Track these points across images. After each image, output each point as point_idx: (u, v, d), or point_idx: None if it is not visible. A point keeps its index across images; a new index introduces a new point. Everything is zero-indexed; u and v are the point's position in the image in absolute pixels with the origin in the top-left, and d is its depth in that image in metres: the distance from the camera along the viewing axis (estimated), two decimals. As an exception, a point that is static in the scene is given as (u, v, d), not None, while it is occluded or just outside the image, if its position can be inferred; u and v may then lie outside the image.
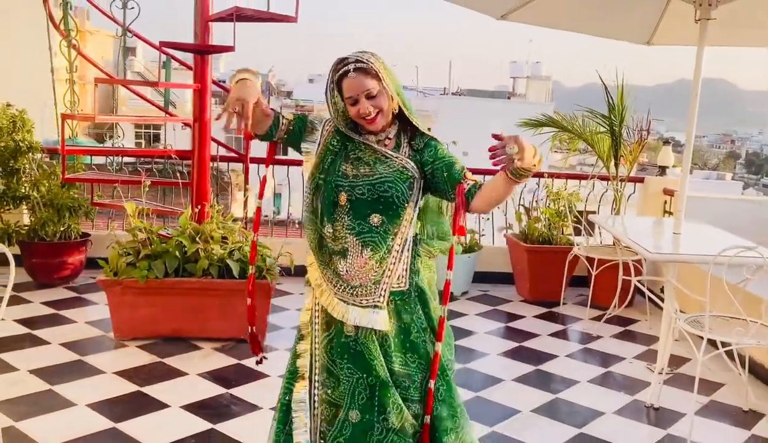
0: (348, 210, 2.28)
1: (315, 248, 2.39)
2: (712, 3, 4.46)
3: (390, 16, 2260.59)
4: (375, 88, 2.20)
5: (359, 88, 2.20)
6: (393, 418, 2.24)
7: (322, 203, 2.33)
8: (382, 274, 2.28)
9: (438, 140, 2.33)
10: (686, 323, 3.82)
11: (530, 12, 5.45)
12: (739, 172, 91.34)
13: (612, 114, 6.07)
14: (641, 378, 4.54)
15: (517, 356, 4.88)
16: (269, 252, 4.83)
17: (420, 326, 2.33)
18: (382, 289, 2.28)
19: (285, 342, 4.84)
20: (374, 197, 2.26)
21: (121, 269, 4.56)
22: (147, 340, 4.67)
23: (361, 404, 2.27)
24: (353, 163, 2.30)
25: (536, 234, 6.27)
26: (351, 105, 2.24)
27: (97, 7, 4.95)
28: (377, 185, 2.26)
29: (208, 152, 5.32)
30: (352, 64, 2.20)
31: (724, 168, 78.24)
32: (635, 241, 4.19)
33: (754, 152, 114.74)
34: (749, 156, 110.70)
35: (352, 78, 2.20)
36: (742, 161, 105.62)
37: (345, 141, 2.34)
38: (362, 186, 2.27)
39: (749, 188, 63.29)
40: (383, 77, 2.21)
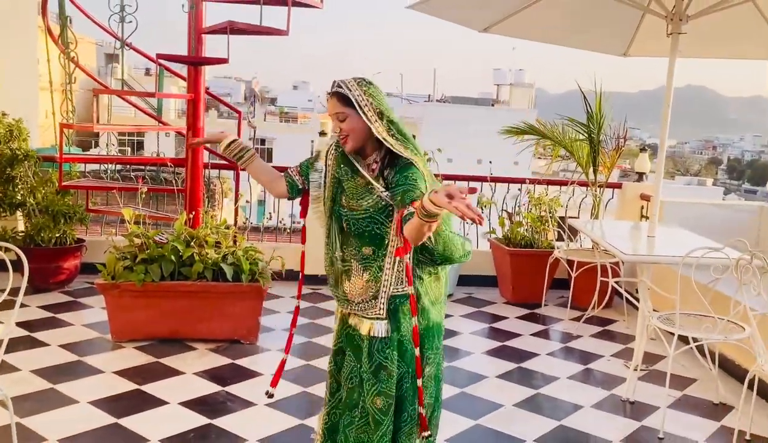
0: (350, 238, 2.55)
1: (327, 267, 2.67)
2: (683, 18, 4.70)
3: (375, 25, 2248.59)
4: (344, 113, 2.43)
5: (331, 109, 2.46)
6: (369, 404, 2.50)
7: (332, 228, 2.59)
8: (377, 290, 2.50)
9: (415, 165, 2.40)
10: (659, 321, 4.04)
11: (511, 25, 5.68)
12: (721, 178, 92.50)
13: (590, 122, 6.31)
14: (618, 375, 4.76)
15: (500, 354, 5.09)
16: (261, 257, 5.01)
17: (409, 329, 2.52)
18: (380, 302, 2.50)
19: (276, 343, 5.02)
20: (361, 232, 2.51)
21: (118, 273, 4.72)
22: (144, 341, 4.83)
23: (350, 388, 2.59)
24: (347, 195, 2.53)
25: (519, 238, 6.49)
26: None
27: (96, 22, 5.10)
28: (361, 221, 2.49)
29: (201, 159, 5.50)
30: (335, 86, 2.46)
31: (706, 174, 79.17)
32: (611, 244, 4.42)
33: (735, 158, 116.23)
34: (731, 162, 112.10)
35: (328, 99, 2.48)
36: (724, 167, 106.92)
37: (345, 166, 2.53)
38: (353, 221, 2.50)
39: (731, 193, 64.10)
40: (357, 104, 2.41)
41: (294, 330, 2.93)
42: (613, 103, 6.48)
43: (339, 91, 2.43)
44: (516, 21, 5.60)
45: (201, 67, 5.29)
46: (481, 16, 5.71)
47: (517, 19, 5.58)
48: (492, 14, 5.63)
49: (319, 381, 4.34)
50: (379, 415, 2.48)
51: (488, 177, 6.86)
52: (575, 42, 6.27)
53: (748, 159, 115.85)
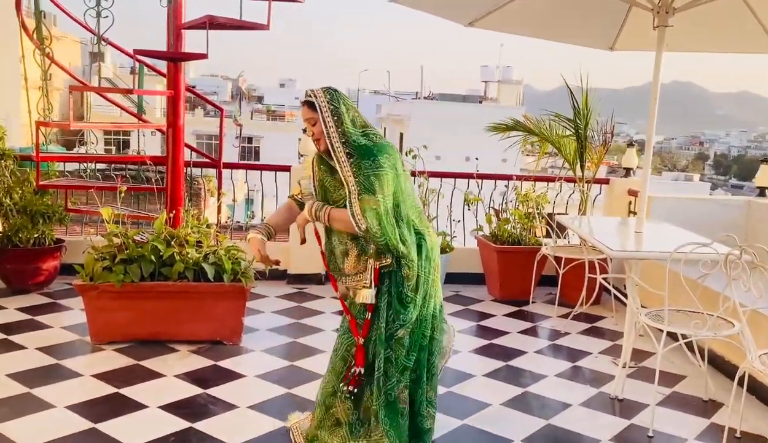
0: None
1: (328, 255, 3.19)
2: (669, 11, 4.64)
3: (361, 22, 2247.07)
4: (313, 118, 2.94)
5: (303, 115, 2.98)
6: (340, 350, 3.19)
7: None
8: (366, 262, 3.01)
9: (366, 159, 2.90)
10: (647, 318, 3.98)
11: (497, 19, 5.61)
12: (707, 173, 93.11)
13: (577, 117, 6.25)
14: (607, 372, 4.70)
15: (487, 353, 5.02)
16: (244, 256, 4.92)
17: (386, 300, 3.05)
18: (368, 274, 3.01)
19: (261, 343, 4.93)
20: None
21: (97, 273, 4.61)
22: (124, 343, 4.73)
23: (340, 334, 3.27)
24: (329, 190, 3.07)
25: (506, 235, 6.43)
26: None
27: (71, 16, 4.98)
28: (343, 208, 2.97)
29: (182, 157, 5.39)
30: (307, 94, 2.97)
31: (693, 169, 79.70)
32: (599, 240, 4.36)
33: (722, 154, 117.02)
34: (717, 157, 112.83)
35: (302, 108, 3.00)
36: (711, 163, 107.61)
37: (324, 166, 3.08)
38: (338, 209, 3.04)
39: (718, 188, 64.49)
40: (320, 111, 2.91)
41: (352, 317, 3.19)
42: (600, 99, 6.42)
43: (308, 99, 2.94)
44: (502, 15, 5.54)
45: (180, 63, 5.18)
46: (466, 10, 5.63)
47: (503, 13, 5.52)
48: (477, 8, 5.56)
49: (304, 383, 4.26)
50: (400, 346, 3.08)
51: (475, 174, 6.80)
52: (561, 36, 6.22)
53: (735, 154, 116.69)
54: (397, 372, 3.09)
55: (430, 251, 3.15)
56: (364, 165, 2.88)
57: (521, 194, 6.45)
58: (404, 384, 3.12)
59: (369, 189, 2.86)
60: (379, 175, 2.88)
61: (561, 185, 6.61)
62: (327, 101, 2.91)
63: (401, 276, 3.04)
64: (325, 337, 5.07)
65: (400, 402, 3.11)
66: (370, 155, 2.90)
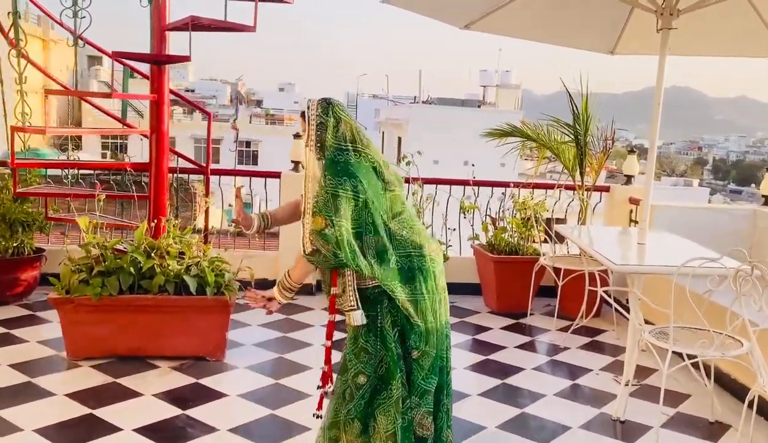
0: None
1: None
2: (673, 13, 4.44)
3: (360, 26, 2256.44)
4: (301, 128, 2.97)
5: (299, 125, 3.02)
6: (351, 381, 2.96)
7: None
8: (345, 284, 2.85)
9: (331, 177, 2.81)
10: (651, 336, 3.77)
11: (494, 22, 5.40)
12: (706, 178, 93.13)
13: (577, 123, 6.04)
14: (608, 391, 4.49)
15: (483, 369, 4.80)
16: (228, 267, 4.70)
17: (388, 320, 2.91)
18: (349, 295, 2.85)
19: (245, 359, 4.70)
20: None
21: (73, 286, 4.39)
22: (101, 360, 4.51)
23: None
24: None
25: (503, 245, 6.21)
26: None
27: (49, 15, 4.79)
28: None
29: (166, 163, 5.18)
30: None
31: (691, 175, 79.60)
32: (600, 252, 4.14)
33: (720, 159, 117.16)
34: (716, 162, 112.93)
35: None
36: (709, 168, 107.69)
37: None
38: None
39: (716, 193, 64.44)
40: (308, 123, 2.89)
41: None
42: (599, 104, 6.21)
43: (303, 110, 2.94)
44: (499, 17, 5.33)
45: (164, 66, 4.97)
46: (462, 12, 5.43)
47: (500, 16, 5.31)
48: (473, 10, 5.35)
49: (289, 403, 4.04)
50: (356, 390, 2.89)
51: (471, 180, 6.58)
52: (560, 40, 6.01)
53: (734, 159, 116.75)
54: (416, 396, 2.95)
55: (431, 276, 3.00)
56: (328, 183, 2.81)
57: (519, 201, 6.24)
58: (426, 409, 2.96)
59: (323, 208, 2.77)
60: (339, 197, 2.77)
61: (560, 192, 6.39)
62: (316, 114, 2.89)
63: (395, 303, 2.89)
64: (314, 353, 4.85)
65: (423, 428, 2.97)
66: (337, 174, 2.81)
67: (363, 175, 2.85)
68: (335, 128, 2.87)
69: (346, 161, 2.85)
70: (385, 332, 2.90)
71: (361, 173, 2.84)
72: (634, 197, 6.43)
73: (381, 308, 2.90)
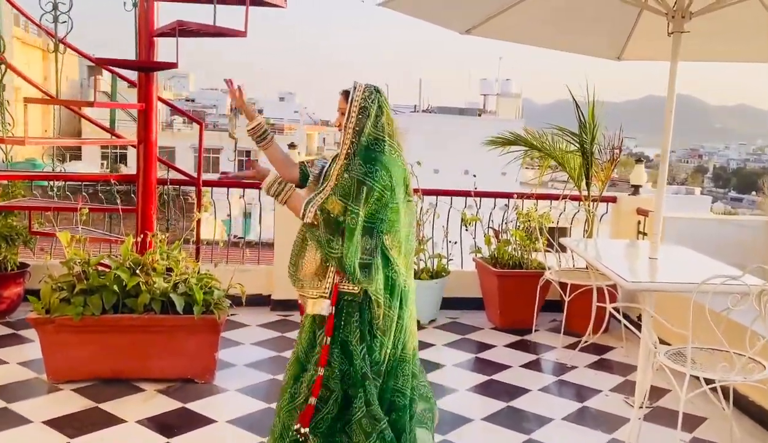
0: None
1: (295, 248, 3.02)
2: (685, 15, 4.22)
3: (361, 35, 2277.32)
4: (343, 109, 2.84)
5: (338, 103, 2.87)
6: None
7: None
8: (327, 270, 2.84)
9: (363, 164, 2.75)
10: (667, 358, 3.53)
11: (496, 27, 5.20)
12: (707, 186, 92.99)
13: (583, 131, 5.81)
14: (619, 414, 4.24)
15: (487, 391, 4.55)
16: (218, 285, 4.46)
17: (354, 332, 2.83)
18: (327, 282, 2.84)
19: (236, 381, 4.46)
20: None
21: (53, 305, 4.15)
22: (84, 382, 4.26)
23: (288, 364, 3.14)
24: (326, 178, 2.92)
25: (506, 258, 5.98)
26: None
27: (31, 19, 4.58)
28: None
29: (154, 175, 4.96)
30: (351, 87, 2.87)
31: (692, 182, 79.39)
32: (611, 268, 3.90)
33: (721, 166, 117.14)
34: (716, 170, 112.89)
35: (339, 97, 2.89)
36: (710, 175, 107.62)
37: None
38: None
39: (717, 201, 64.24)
40: (351, 103, 2.80)
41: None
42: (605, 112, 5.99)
43: (347, 89, 2.84)
44: (500, 22, 5.11)
45: (152, 73, 4.75)
46: (462, 17, 5.21)
47: (501, 20, 5.10)
48: (475, 15, 5.14)
49: (281, 429, 3.79)
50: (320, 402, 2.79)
51: (473, 191, 6.35)
52: (565, 45, 5.80)
53: (734, 167, 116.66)
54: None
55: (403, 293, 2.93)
56: (356, 168, 2.75)
57: (522, 213, 6.01)
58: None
59: (346, 194, 2.72)
60: (365, 185, 2.70)
61: (565, 204, 6.15)
62: (362, 98, 2.80)
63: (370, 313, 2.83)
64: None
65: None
66: (369, 162, 2.75)
67: (394, 171, 2.78)
68: (377, 117, 2.81)
69: (381, 151, 2.79)
70: (351, 347, 2.81)
71: (393, 169, 2.78)
72: (642, 207, 6.20)
73: (351, 322, 2.82)
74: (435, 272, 5.98)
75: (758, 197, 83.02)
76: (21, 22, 28.89)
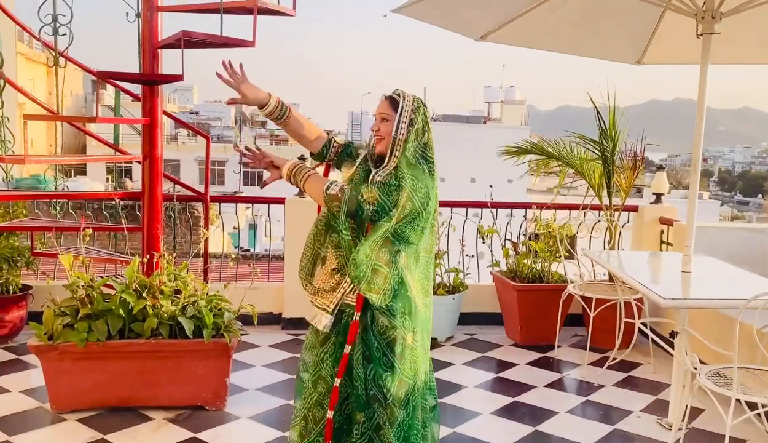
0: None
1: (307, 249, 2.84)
2: (715, 16, 4.02)
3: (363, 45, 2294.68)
4: (388, 115, 2.65)
5: (379, 108, 2.69)
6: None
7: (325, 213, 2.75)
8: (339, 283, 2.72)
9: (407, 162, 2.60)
10: (709, 381, 3.31)
11: (511, 32, 5.01)
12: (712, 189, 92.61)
13: (604, 139, 5.60)
14: (654, 437, 4.01)
15: (511, 414, 4.32)
16: (228, 305, 4.25)
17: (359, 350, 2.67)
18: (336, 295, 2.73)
19: (248, 408, 4.24)
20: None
21: (56, 331, 3.95)
22: (89, 412, 4.06)
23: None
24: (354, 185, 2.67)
25: (526, 271, 5.76)
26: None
27: (29, 32, 4.42)
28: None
29: (160, 192, 4.77)
30: (393, 92, 2.69)
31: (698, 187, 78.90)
32: (644, 284, 3.69)
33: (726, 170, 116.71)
34: (722, 174, 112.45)
35: (381, 100, 2.70)
36: (715, 179, 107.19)
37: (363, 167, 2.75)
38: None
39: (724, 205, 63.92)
40: (399, 113, 2.62)
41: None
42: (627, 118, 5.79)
43: (394, 96, 2.67)
44: (515, 27, 4.93)
45: (157, 86, 4.57)
46: (477, 23, 5.02)
47: (516, 26, 4.91)
48: (489, 20, 4.95)
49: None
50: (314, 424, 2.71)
51: (489, 202, 6.14)
52: (582, 50, 5.58)
53: (739, 170, 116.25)
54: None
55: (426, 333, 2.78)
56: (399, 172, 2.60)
57: (542, 224, 5.79)
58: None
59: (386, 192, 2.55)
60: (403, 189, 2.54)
61: (585, 214, 5.92)
62: (410, 109, 2.65)
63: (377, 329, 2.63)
64: (324, 398, 4.38)
65: None
66: (416, 178, 2.58)
67: (433, 197, 2.64)
68: (423, 132, 2.67)
69: (431, 173, 2.67)
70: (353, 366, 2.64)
71: (432, 193, 2.63)
72: (665, 217, 5.98)
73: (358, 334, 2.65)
74: (452, 287, 5.76)
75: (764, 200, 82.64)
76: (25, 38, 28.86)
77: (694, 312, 4.44)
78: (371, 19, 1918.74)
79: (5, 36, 4.94)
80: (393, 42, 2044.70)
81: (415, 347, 2.69)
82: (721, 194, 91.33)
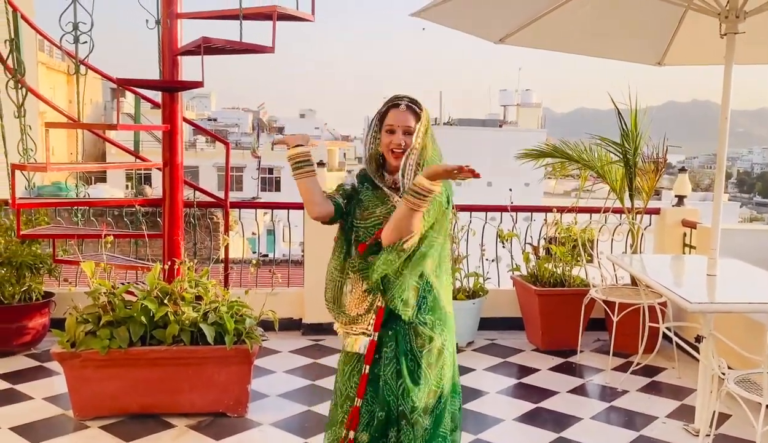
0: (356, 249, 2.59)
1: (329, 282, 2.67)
2: (739, 15, 3.96)
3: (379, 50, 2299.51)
4: (413, 128, 2.50)
5: (402, 120, 2.50)
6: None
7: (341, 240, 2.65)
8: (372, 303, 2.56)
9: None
10: (738, 387, 3.25)
11: (531, 34, 4.98)
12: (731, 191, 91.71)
13: (625, 141, 5.54)
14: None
15: (535, 421, 4.28)
16: (249, 311, 4.25)
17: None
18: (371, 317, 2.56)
19: (270, 414, 4.23)
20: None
21: (79, 339, 3.97)
22: (111, 419, 4.07)
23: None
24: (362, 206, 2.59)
25: (547, 275, 5.71)
26: (387, 133, 2.52)
27: (50, 40, 4.45)
28: (371, 229, 2.54)
29: (181, 199, 4.78)
30: (406, 100, 2.53)
31: (717, 188, 78.16)
32: (669, 288, 3.64)
33: (745, 171, 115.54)
34: (740, 175, 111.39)
35: (401, 110, 2.52)
36: (734, 181, 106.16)
37: (367, 182, 2.62)
38: (364, 229, 2.56)
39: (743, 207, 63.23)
40: (422, 125, 2.49)
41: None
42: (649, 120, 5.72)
43: (414, 106, 2.53)
44: (535, 29, 4.90)
45: (177, 93, 4.58)
46: (496, 25, 5.00)
47: (536, 28, 4.88)
48: (509, 22, 4.92)
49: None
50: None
51: (509, 206, 6.10)
52: (602, 51, 5.53)
53: (758, 172, 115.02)
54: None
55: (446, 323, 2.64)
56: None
57: (563, 228, 5.73)
58: None
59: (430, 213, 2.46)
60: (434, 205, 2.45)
61: (606, 217, 5.86)
62: (428, 121, 2.55)
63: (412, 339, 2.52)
64: (346, 404, 4.36)
65: None
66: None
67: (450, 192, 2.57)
68: (432, 135, 2.58)
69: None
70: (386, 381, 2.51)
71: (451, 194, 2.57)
72: (687, 219, 5.91)
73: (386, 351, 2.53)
74: (472, 291, 5.73)
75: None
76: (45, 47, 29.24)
77: (720, 316, 4.37)
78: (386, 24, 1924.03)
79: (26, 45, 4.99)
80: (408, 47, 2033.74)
81: (447, 355, 2.62)
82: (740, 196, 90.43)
